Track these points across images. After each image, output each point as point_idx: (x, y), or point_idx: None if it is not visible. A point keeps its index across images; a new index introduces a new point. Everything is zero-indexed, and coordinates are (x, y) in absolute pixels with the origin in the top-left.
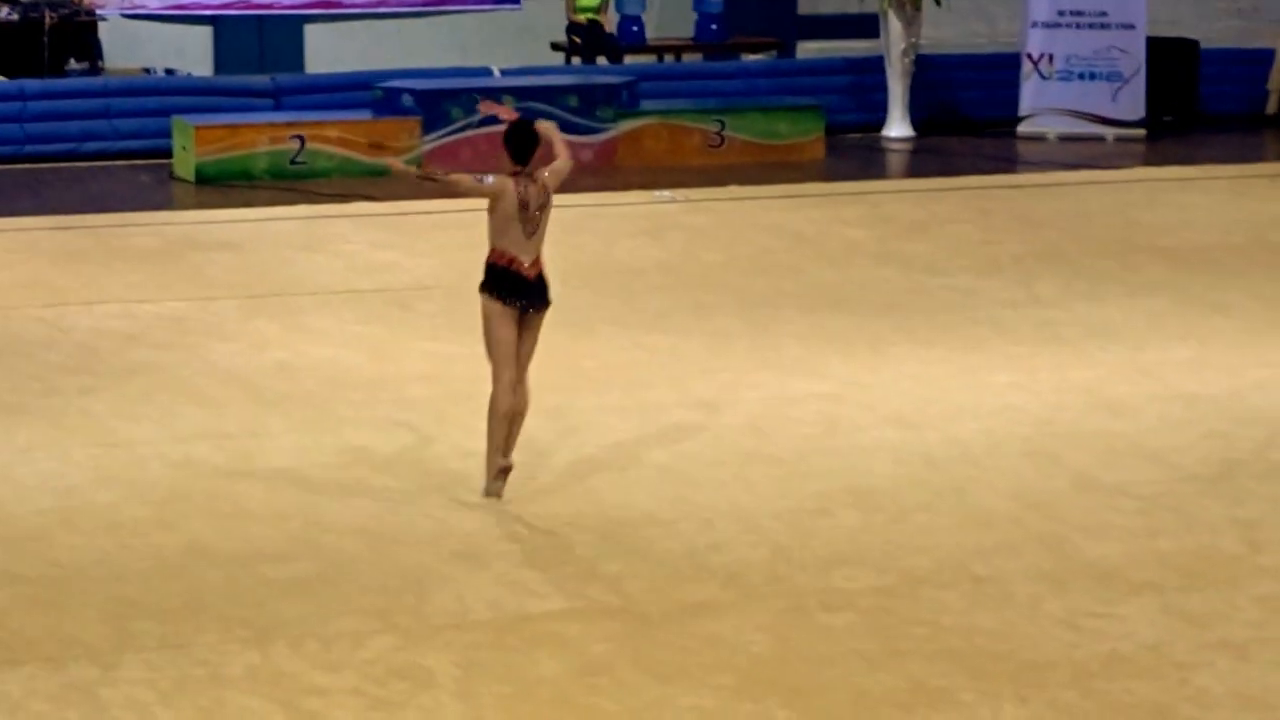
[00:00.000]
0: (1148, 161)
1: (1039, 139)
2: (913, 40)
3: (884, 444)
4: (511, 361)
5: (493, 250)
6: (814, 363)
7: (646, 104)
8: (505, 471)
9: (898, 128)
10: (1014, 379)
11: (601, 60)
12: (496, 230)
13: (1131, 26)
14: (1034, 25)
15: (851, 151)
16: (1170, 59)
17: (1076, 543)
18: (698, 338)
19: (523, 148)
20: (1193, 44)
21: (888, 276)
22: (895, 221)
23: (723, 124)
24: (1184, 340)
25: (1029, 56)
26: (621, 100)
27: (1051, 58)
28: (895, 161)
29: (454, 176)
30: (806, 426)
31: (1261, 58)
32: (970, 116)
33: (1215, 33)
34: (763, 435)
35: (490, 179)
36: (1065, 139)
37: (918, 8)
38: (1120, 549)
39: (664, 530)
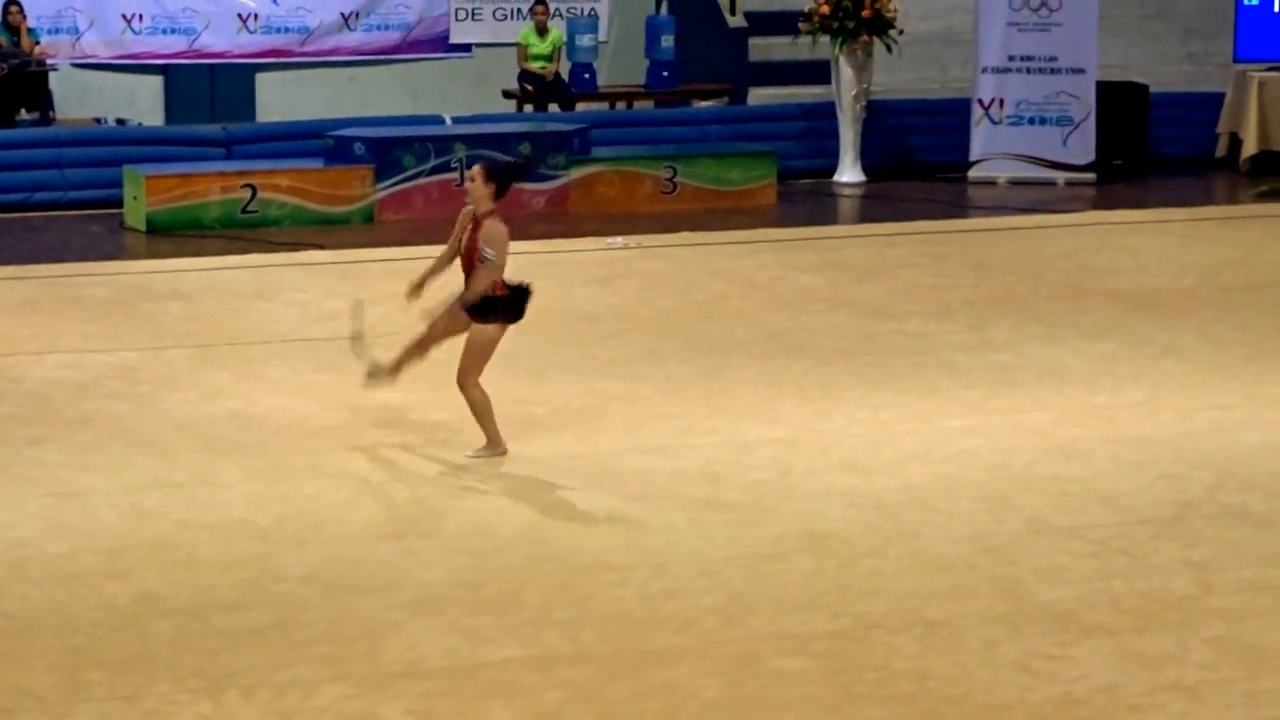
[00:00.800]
0: (1098, 205)
1: (990, 184)
2: (864, 86)
3: (837, 489)
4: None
5: (500, 284)
6: (767, 408)
7: (599, 151)
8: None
9: (849, 173)
10: (967, 423)
11: (554, 108)
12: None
13: (1082, 71)
14: (985, 71)
15: (803, 197)
16: (1121, 103)
17: (1030, 586)
18: (651, 384)
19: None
20: (1143, 88)
21: (840, 322)
22: (847, 267)
23: (675, 170)
24: (1136, 383)
25: (980, 102)
26: (574, 148)
27: (1002, 103)
28: (847, 207)
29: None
30: (760, 472)
31: (1211, 101)
32: (922, 162)
33: (1165, 77)
34: (716, 481)
35: (493, 253)
36: (1016, 183)
37: (869, 54)
38: (1073, 592)
39: (618, 577)
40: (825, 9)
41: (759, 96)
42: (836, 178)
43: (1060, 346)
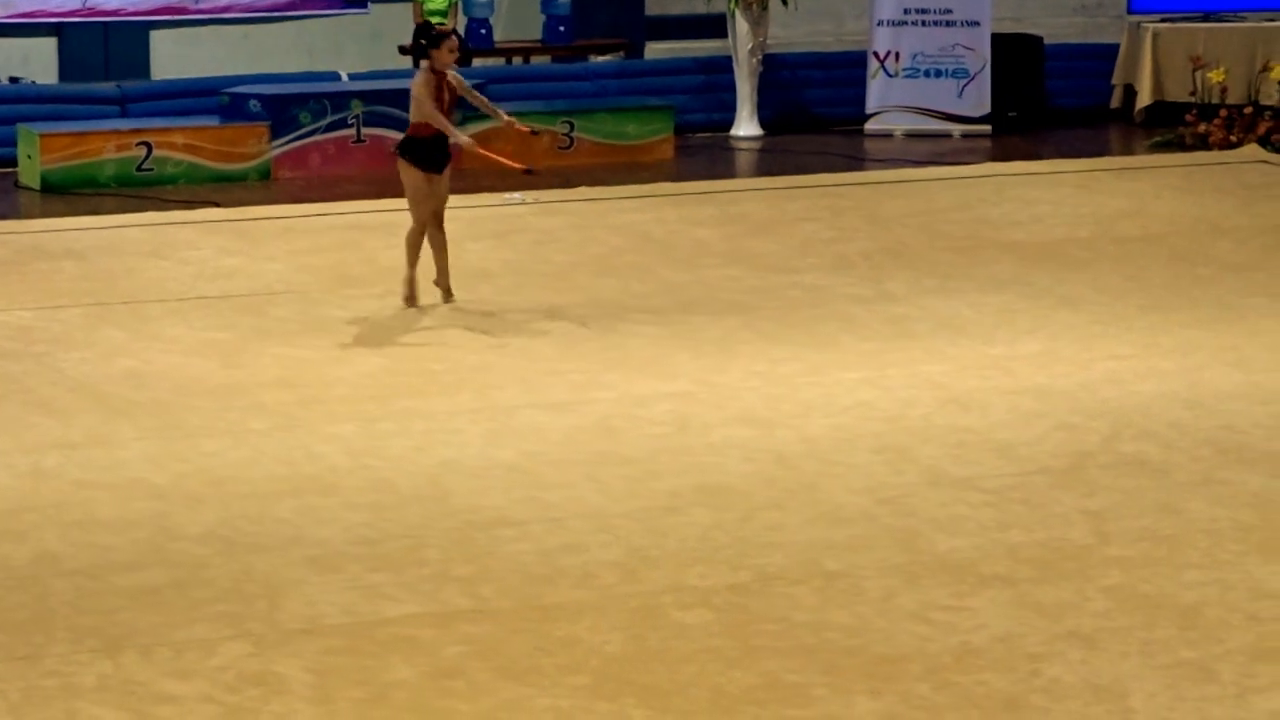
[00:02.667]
0: (994, 157)
1: (886, 136)
2: (760, 40)
3: (735, 442)
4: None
5: (415, 126)
6: (664, 362)
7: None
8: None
9: (746, 127)
10: (864, 375)
11: None
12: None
13: (977, 23)
14: (880, 24)
15: (700, 151)
16: (1016, 55)
17: (928, 537)
18: (548, 339)
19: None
20: (1037, 40)
21: (737, 275)
22: (744, 220)
23: (572, 125)
24: (1033, 334)
25: (875, 55)
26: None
27: (898, 55)
28: (744, 161)
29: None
30: (657, 426)
31: (1105, 53)
32: (818, 115)
33: (1060, 28)
34: (614, 435)
35: (421, 85)
36: (912, 136)
37: (765, 8)
38: (971, 542)
39: (516, 532)
40: None
41: (655, 51)
42: (733, 132)
43: (957, 298)
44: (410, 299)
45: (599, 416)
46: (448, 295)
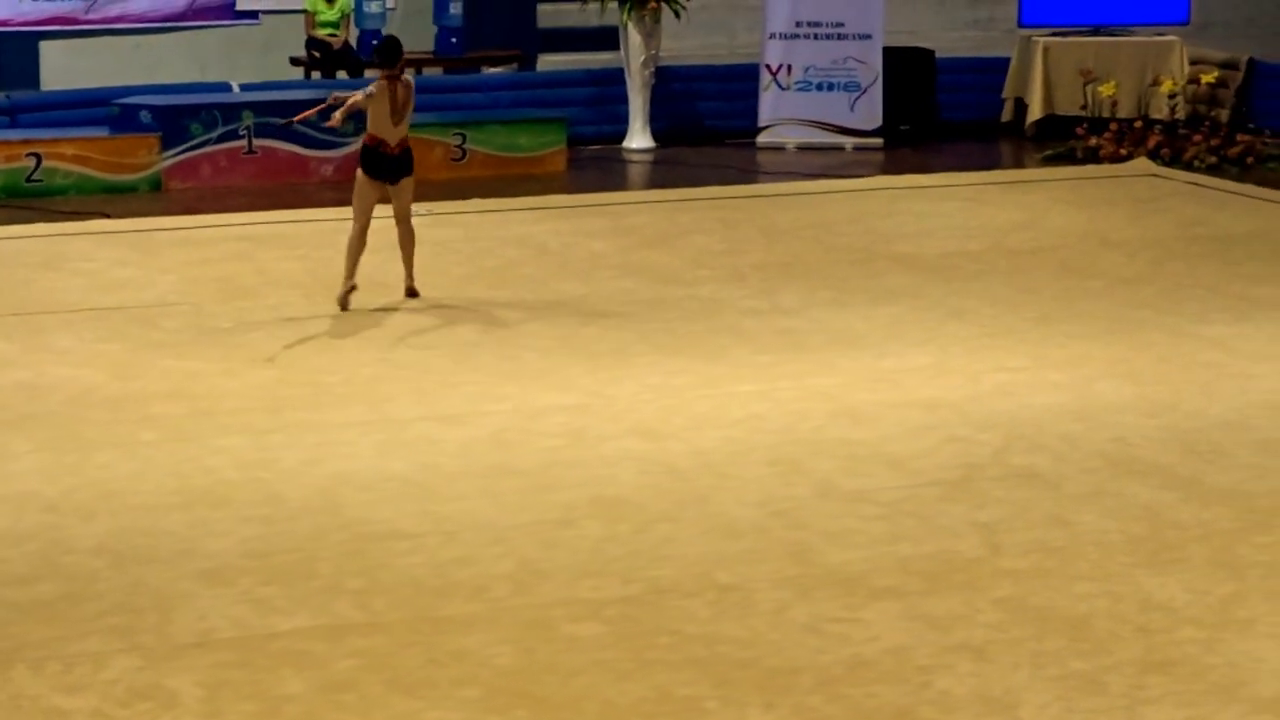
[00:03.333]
0: (886, 170)
1: (779, 149)
2: (652, 52)
3: (628, 454)
4: (364, 217)
5: (368, 135)
6: (558, 375)
7: None
8: (353, 290)
9: (639, 139)
10: (757, 388)
11: (342, 75)
12: (372, 121)
13: (869, 36)
14: (772, 36)
15: (593, 163)
16: (908, 69)
17: (820, 549)
18: (442, 351)
19: (391, 56)
20: (929, 53)
21: (631, 288)
22: (638, 233)
23: (464, 137)
24: (924, 347)
25: (768, 67)
26: (362, 115)
27: (790, 68)
28: (637, 173)
29: (350, 99)
30: (551, 438)
31: (997, 66)
32: (711, 127)
33: (951, 42)
34: (507, 447)
35: (372, 88)
36: (804, 149)
37: (657, 20)
38: (862, 555)
39: (409, 544)
40: None
41: (548, 63)
42: (626, 144)
43: (849, 311)
44: (344, 301)
45: (493, 429)
46: (411, 292)
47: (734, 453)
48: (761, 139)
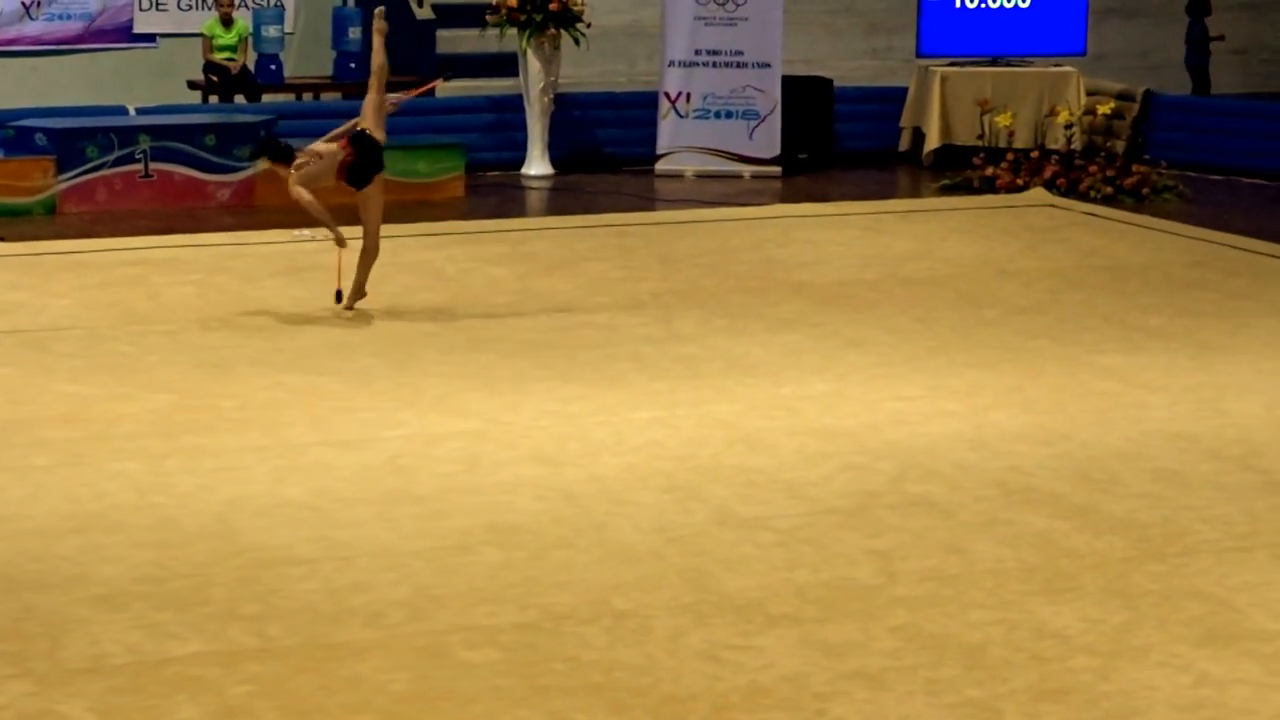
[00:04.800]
0: (784, 199)
1: (677, 177)
2: (552, 79)
3: (525, 481)
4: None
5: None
6: (455, 401)
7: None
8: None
9: (538, 166)
10: (654, 415)
11: (240, 99)
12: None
13: (768, 65)
14: (671, 64)
15: (492, 190)
16: (806, 97)
17: (716, 576)
18: (339, 377)
19: (284, 154)
20: (827, 82)
21: (529, 314)
22: (536, 259)
23: None
24: (821, 374)
25: (667, 95)
26: (260, 139)
27: (689, 96)
28: (535, 199)
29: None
30: (448, 464)
31: (894, 96)
32: (610, 154)
33: (850, 71)
34: (404, 473)
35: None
36: (703, 177)
37: (557, 47)
38: (759, 582)
39: (304, 570)
40: (513, 2)
41: (447, 89)
42: (525, 170)
43: (746, 338)
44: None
45: (390, 455)
46: (345, 301)
47: (631, 479)
48: (660, 166)
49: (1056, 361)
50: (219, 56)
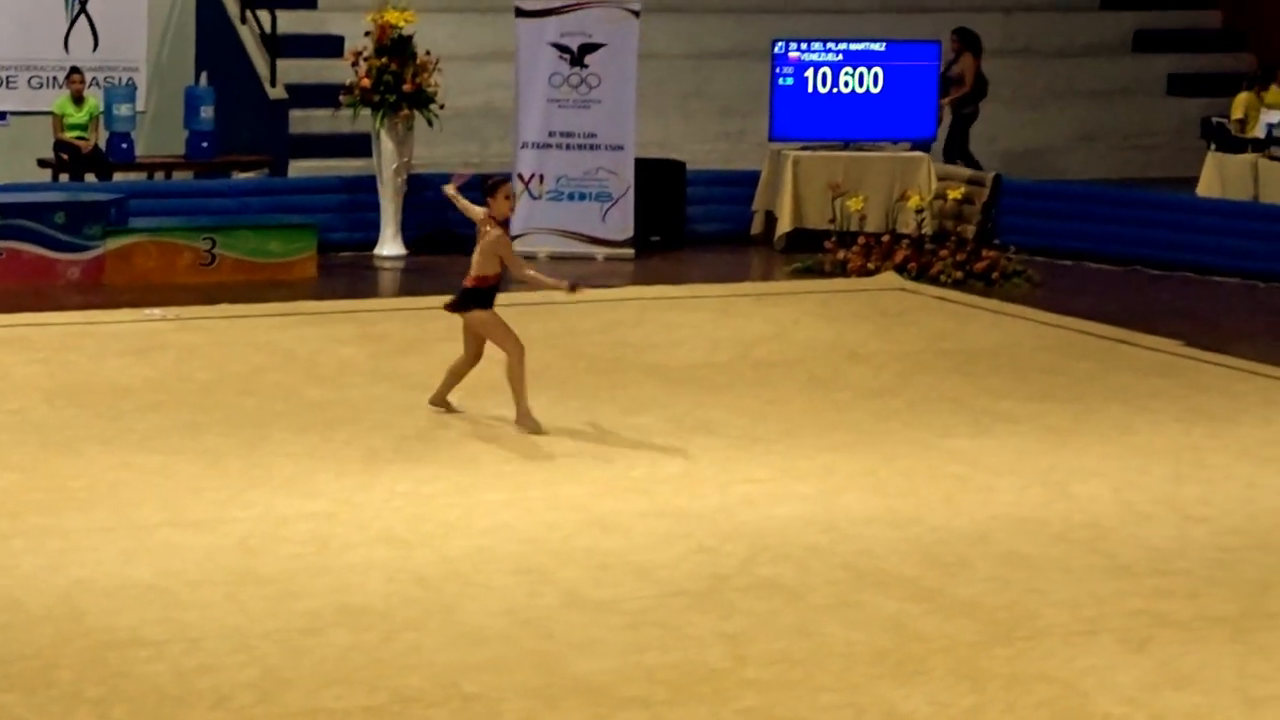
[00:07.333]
0: (636, 280)
1: (530, 258)
2: (405, 159)
3: (375, 562)
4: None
5: (480, 278)
6: (306, 481)
7: (136, 221)
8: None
9: (390, 246)
10: (506, 496)
11: (90, 177)
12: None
13: (620, 147)
14: (525, 146)
15: (344, 270)
16: (658, 180)
17: (566, 659)
18: (188, 457)
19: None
20: (680, 165)
21: (381, 395)
22: (388, 340)
23: (214, 242)
24: (672, 457)
25: (520, 177)
26: (110, 218)
27: (542, 178)
28: (388, 280)
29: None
30: (297, 545)
31: (746, 179)
32: (463, 235)
33: (702, 154)
34: (253, 554)
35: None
36: (556, 258)
37: (410, 127)
38: (609, 664)
39: (151, 652)
40: (366, 82)
41: (299, 169)
42: (377, 250)
43: (599, 420)
44: (528, 421)
45: (239, 536)
46: (446, 405)
47: (482, 561)
48: (515, 247)
49: (907, 445)
50: (70, 135)
